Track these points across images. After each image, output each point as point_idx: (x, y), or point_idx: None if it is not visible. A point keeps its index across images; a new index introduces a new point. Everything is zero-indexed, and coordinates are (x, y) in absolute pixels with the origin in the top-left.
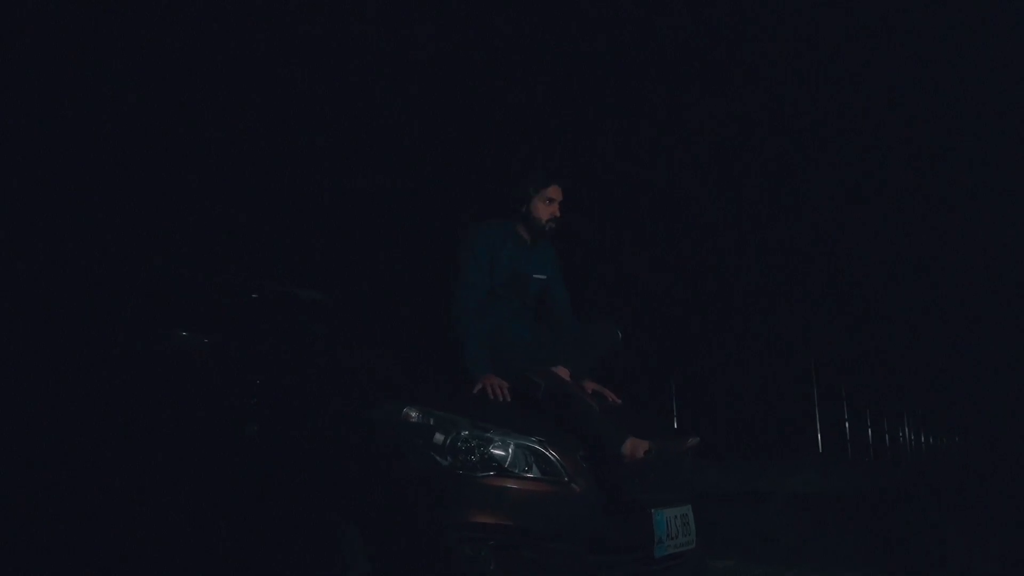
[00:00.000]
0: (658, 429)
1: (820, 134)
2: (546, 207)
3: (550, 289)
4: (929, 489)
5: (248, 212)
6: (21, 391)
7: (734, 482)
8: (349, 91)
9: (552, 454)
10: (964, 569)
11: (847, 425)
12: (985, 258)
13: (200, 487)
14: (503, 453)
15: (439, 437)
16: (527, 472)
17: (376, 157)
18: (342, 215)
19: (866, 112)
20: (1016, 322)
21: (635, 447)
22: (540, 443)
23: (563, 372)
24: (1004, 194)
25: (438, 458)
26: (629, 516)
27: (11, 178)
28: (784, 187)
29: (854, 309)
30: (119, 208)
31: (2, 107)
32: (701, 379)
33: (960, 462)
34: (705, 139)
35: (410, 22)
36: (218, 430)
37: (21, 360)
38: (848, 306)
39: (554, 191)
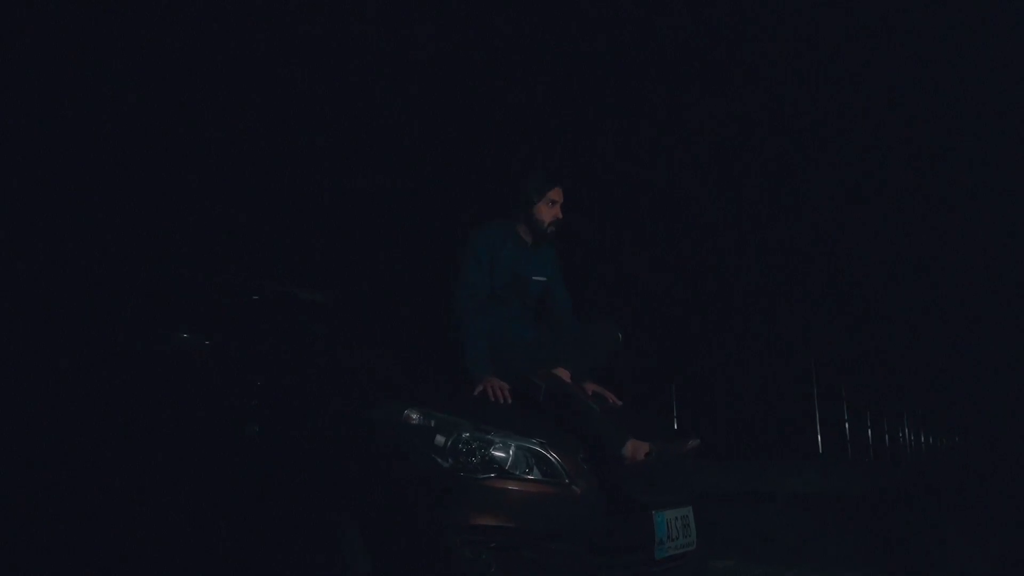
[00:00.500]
0: (659, 431)
1: (820, 134)
2: (549, 209)
3: (550, 291)
4: (929, 489)
5: (248, 212)
6: (22, 391)
7: (734, 482)
8: (349, 91)
9: (553, 456)
10: (964, 569)
11: (847, 425)
12: (985, 258)
13: (201, 487)
14: (504, 455)
15: (440, 439)
16: (528, 474)
17: (376, 157)
18: (342, 215)
19: (866, 112)
20: (1016, 322)
21: (636, 449)
22: (541, 445)
23: (564, 373)
24: (1004, 194)
25: (439, 459)
26: (630, 518)
27: (11, 178)
28: (784, 187)
29: (854, 309)
30: (119, 208)
31: (3, 107)
32: (701, 380)
33: (960, 462)
34: (705, 139)
35: (410, 22)
36: (219, 430)
37: (23, 360)
38: (848, 306)
39: (556, 193)
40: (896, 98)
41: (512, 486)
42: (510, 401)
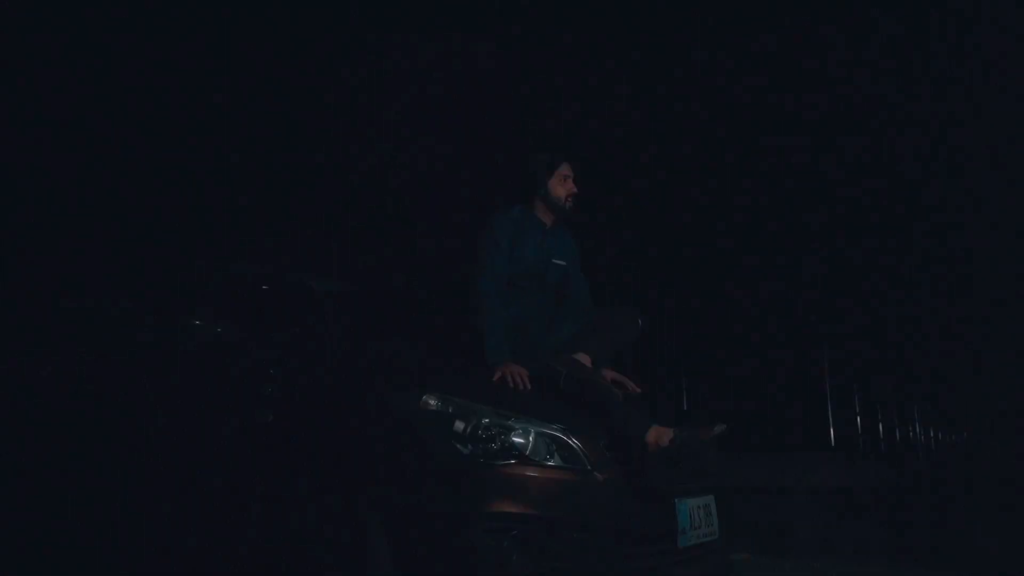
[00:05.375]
0: (681, 416)
1: (826, 131)
2: (562, 185)
3: (569, 275)
4: (942, 483)
5: (261, 202)
6: (38, 381)
7: (748, 475)
8: (362, 81)
9: (574, 442)
10: (981, 559)
11: (859, 419)
12: (993, 253)
13: (212, 480)
14: (524, 441)
15: (459, 425)
16: (548, 460)
17: (391, 144)
18: (359, 203)
19: (867, 111)
20: (1018, 319)
21: (660, 435)
22: (562, 431)
23: (584, 359)
24: (1007, 190)
25: (459, 446)
26: (652, 506)
27: (26, 170)
28: (802, 176)
29: (865, 304)
30: (131, 200)
31: (18, 98)
32: (716, 371)
33: (971, 457)
34: (729, 125)
35: (419, 9)
36: (232, 420)
37: (40, 351)
38: (860, 301)
39: (566, 167)
40: (896, 96)
41: (532, 473)
42: (530, 387)
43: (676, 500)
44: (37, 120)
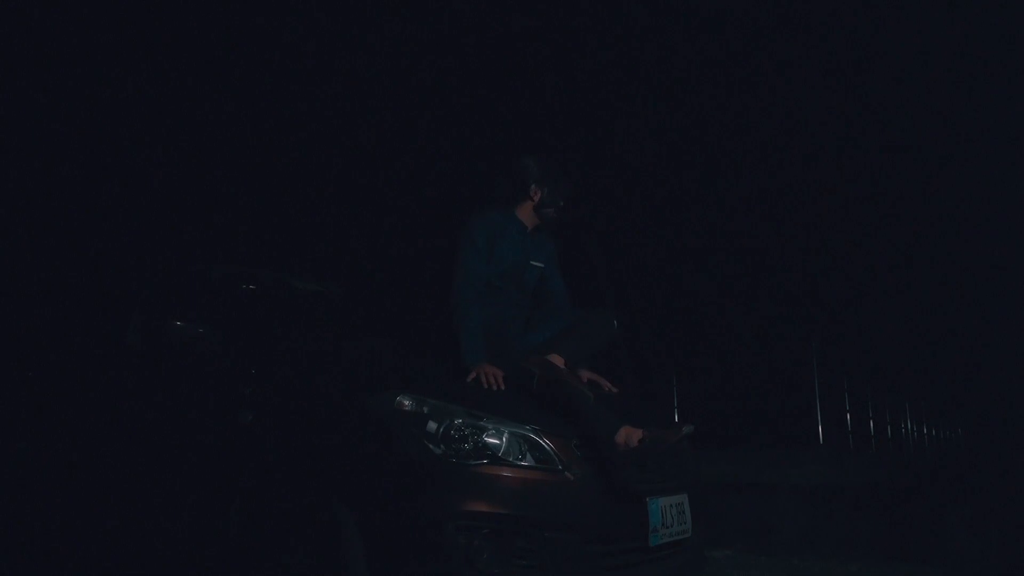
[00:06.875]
0: (653, 417)
1: (824, 129)
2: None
3: (546, 277)
4: (931, 480)
5: (246, 205)
6: (22, 383)
7: (734, 472)
8: (351, 85)
9: (546, 442)
10: (966, 558)
11: (848, 416)
12: (986, 249)
13: (192, 479)
14: (497, 441)
15: (432, 425)
16: (521, 460)
17: (375, 148)
18: (341, 206)
19: (869, 112)
20: (1017, 313)
21: (629, 435)
22: (534, 431)
23: (558, 360)
24: (1005, 187)
25: (431, 446)
26: (623, 505)
27: (15, 177)
28: (788, 179)
29: (857, 299)
30: (117, 202)
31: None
32: (703, 367)
33: (962, 454)
34: (713, 134)
35: (412, 19)
36: (211, 419)
37: (24, 352)
38: (851, 296)
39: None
40: (895, 98)
41: (505, 472)
42: (503, 388)
43: (648, 499)
44: (26, 122)
